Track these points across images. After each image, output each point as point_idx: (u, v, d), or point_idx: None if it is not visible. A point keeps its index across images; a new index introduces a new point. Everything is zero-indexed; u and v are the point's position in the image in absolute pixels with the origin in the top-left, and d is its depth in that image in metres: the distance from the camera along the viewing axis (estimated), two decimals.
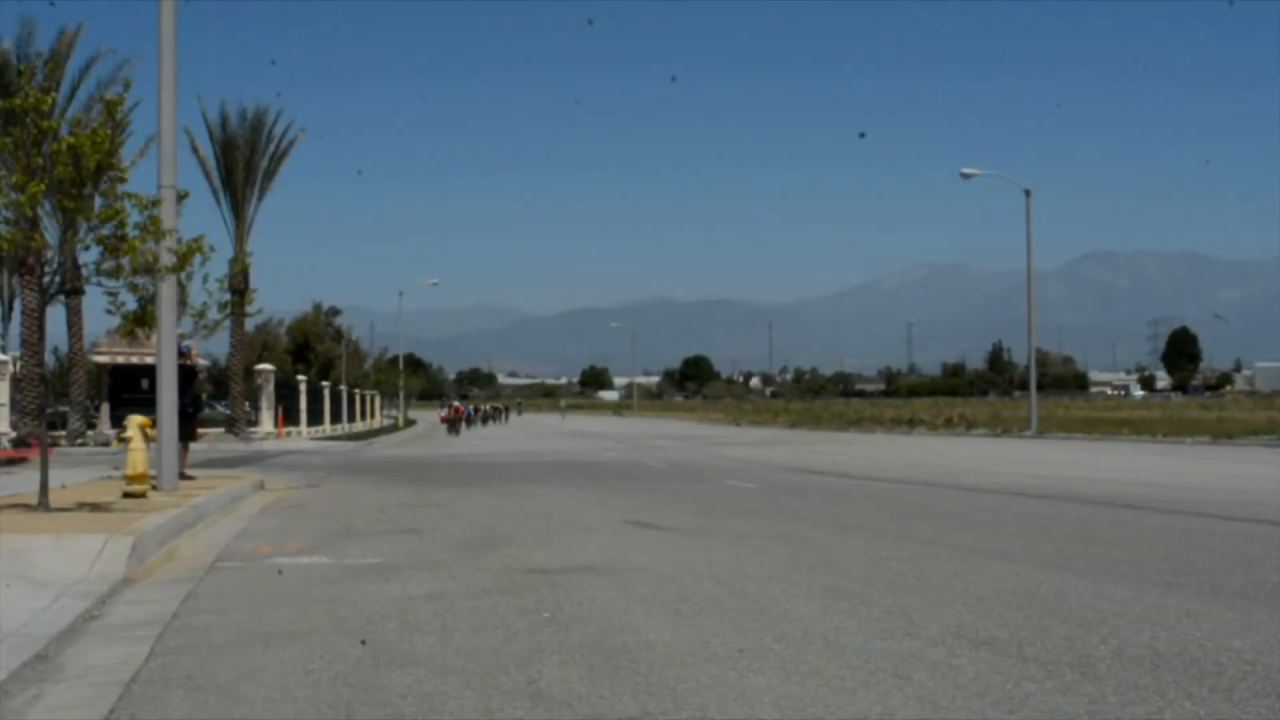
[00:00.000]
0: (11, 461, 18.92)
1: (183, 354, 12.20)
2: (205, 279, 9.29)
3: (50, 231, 8.26)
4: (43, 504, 7.91)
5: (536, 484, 13.47)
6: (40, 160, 7.53)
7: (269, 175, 33.80)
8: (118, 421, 26.57)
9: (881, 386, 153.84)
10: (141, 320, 8.99)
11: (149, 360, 28.80)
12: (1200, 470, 15.26)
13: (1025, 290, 33.06)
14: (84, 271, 8.17)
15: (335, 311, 72.64)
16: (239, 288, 26.09)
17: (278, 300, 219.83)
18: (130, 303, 8.66)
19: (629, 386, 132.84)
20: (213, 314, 9.66)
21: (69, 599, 5.27)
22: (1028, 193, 31.57)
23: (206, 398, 28.27)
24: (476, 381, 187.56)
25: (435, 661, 3.95)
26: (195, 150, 32.85)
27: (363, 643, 4.27)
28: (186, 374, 11.48)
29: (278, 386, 36.12)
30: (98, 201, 7.87)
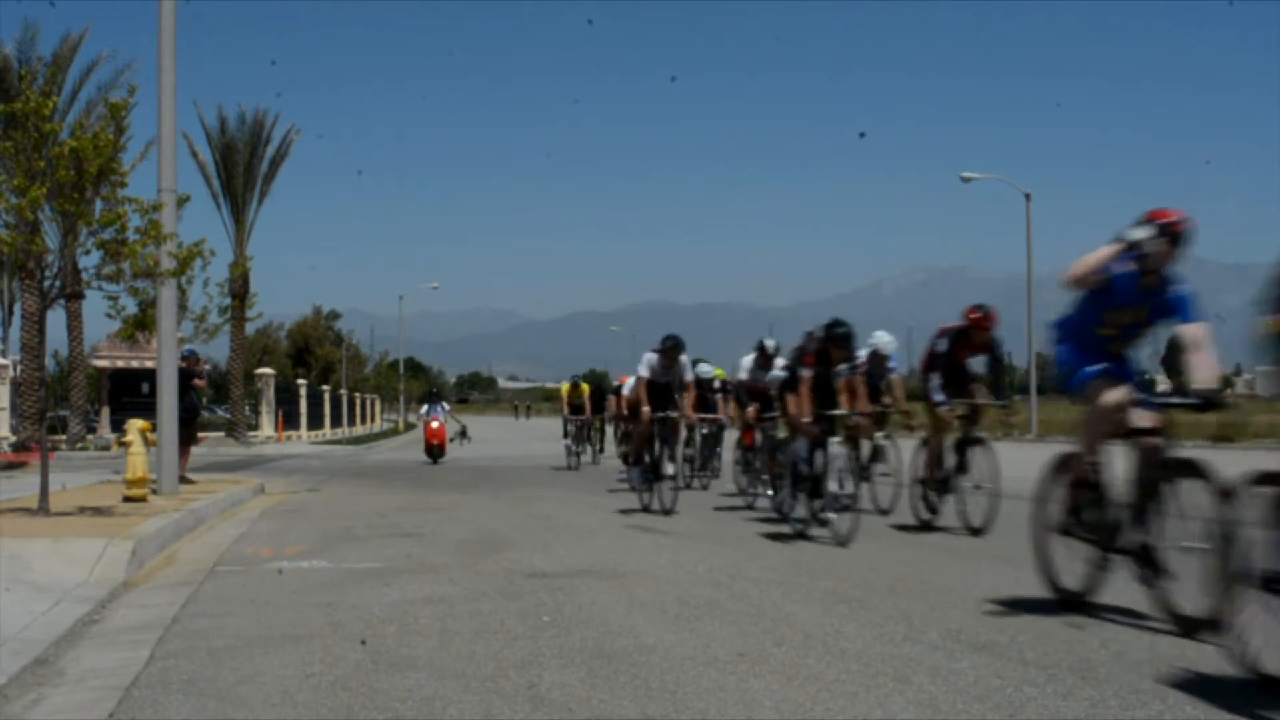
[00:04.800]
0: (12, 466, 18.93)
1: (186, 359, 12.20)
2: (206, 283, 9.30)
3: (51, 235, 8.25)
4: (43, 508, 7.92)
5: (536, 487, 13.47)
6: (41, 164, 7.54)
7: (268, 179, 33.84)
8: (118, 425, 26.60)
9: None
10: (142, 324, 9.00)
11: (149, 364, 28.84)
12: None
13: (1025, 294, 33.10)
14: (84, 275, 8.17)
15: (335, 315, 72.68)
16: (239, 292, 26.13)
17: (278, 304, 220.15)
18: (130, 307, 8.68)
19: None
20: (213, 318, 9.67)
21: (69, 603, 5.27)
22: (1028, 197, 31.60)
23: (206, 400, 28.09)
24: (477, 385, 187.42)
25: (435, 665, 3.95)
26: (195, 154, 32.90)
27: (363, 644, 4.27)
28: (184, 378, 11.46)
29: (278, 390, 36.11)
30: (98, 205, 7.88)
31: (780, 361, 9.95)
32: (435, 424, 19.96)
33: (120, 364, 33.23)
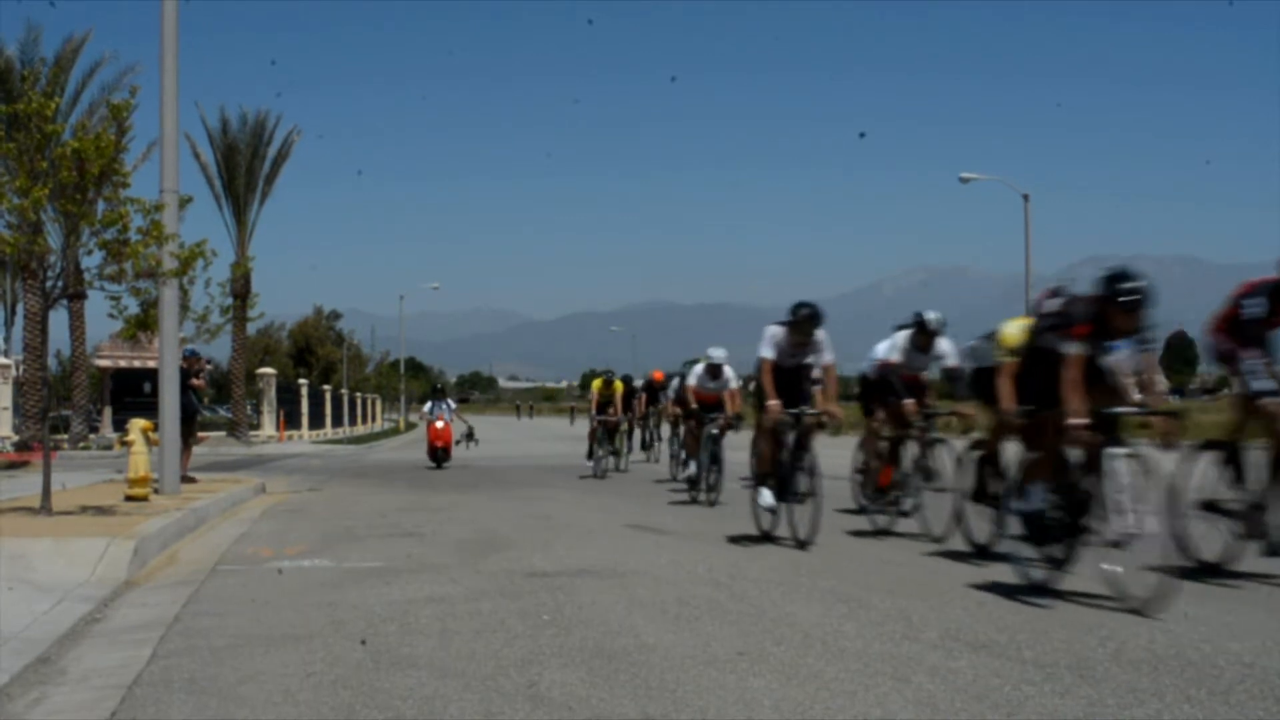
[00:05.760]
0: (14, 465, 18.95)
1: (185, 359, 12.20)
2: (207, 283, 9.30)
3: (53, 236, 8.28)
4: (45, 507, 7.94)
5: (536, 487, 13.47)
6: (44, 165, 7.56)
7: (270, 179, 33.85)
8: (120, 425, 26.59)
9: None
10: (144, 324, 9.02)
11: (151, 364, 28.87)
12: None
13: (1024, 294, 33.07)
14: (86, 276, 8.19)
15: (337, 315, 72.73)
16: (240, 292, 26.15)
17: (279, 304, 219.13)
18: (132, 307, 8.70)
19: None
20: (215, 318, 9.68)
21: (71, 602, 5.29)
22: (1026, 198, 31.61)
23: (207, 400, 28.03)
24: (477, 385, 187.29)
25: (436, 664, 3.96)
26: (196, 155, 32.94)
27: (363, 643, 4.28)
28: (181, 377, 11.46)
29: (279, 390, 36.12)
30: (101, 206, 7.89)
31: (945, 343, 7.98)
32: (439, 424, 18.33)
33: (122, 364, 33.25)
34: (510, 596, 5.34)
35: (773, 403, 7.27)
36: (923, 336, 7.95)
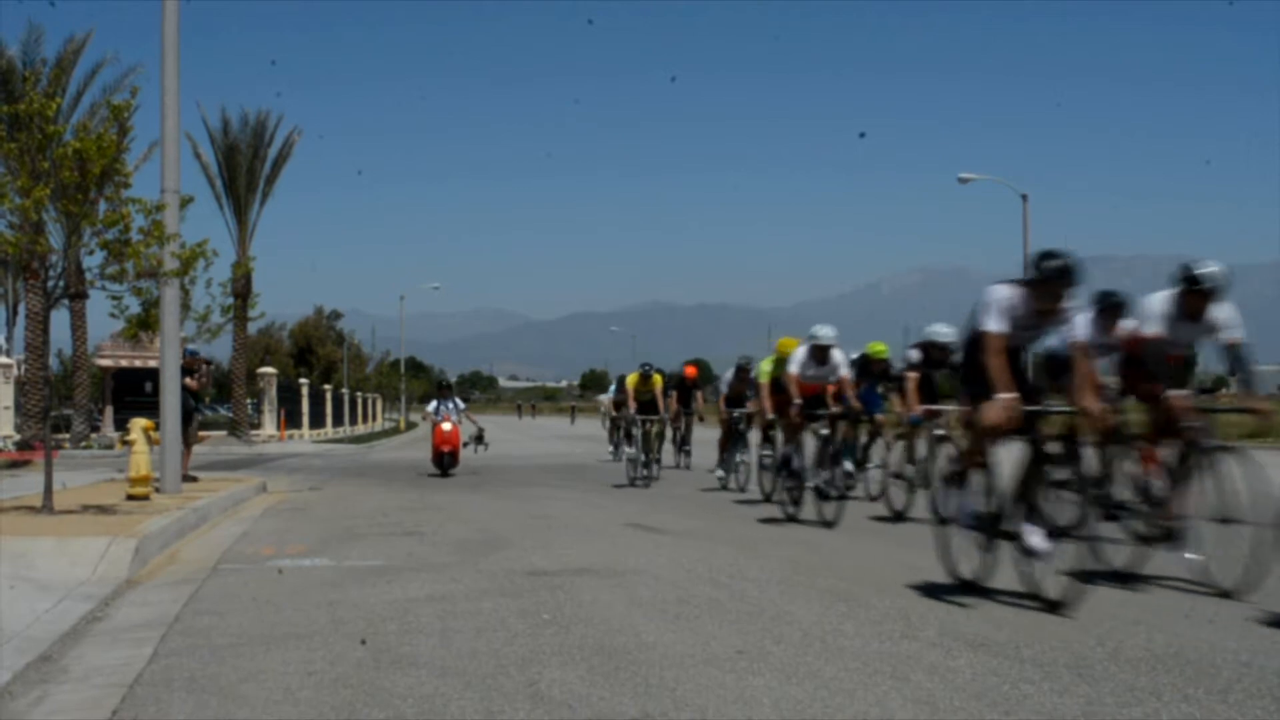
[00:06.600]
0: (16, 464, 18.97)
1: (186, 359, 12.22)
2: (209, 283, 9.32)
3: (55, 236, 8.29)
4: (46, 506, 7.95)
5: (536, 487, 13.49)
6: (46, 165, 7.57)
7: (270, 180, 33.83)
8: (121, 424, 26.59)
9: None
10: (145, 324, 9.04)
11: (153, 363, 28.88)
12: None
13: None
14: (88, 275, 8.21)
15: (337, 315, 72.76)
16: (241, 292, 26.16)
17: (280, 304, 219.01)
18: (134, 306, 8.72)
19: None
20: (216, 318, 9.69)
21: (72, 601, 5.30)
22: (1024, 198, 31.61)
23: (208, 400, 28.02)
24: (478, 385, 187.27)
25: (436, 663, 3.98)
26: (198, 155, 32.94)
27: (363, 643, 4.30)
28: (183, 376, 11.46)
29: (280, 390, 36.14)
30: (102, 206, 7.91)
31: (1226, 310, 5.66)
32: (447, 426, 15.82)
33: (124, 363, 33.25)
34: (510, 595, 5.35)
35: (1007, 396, 4.95)
36: (1194, 299, 5.58)
